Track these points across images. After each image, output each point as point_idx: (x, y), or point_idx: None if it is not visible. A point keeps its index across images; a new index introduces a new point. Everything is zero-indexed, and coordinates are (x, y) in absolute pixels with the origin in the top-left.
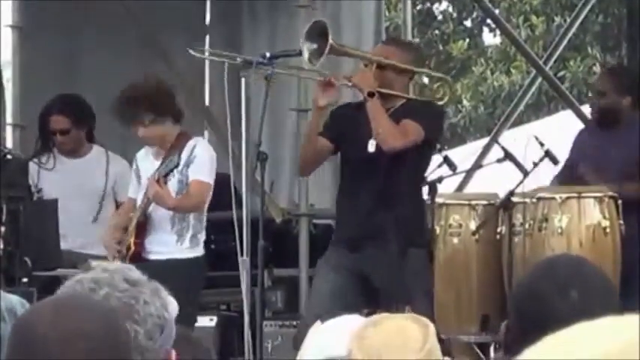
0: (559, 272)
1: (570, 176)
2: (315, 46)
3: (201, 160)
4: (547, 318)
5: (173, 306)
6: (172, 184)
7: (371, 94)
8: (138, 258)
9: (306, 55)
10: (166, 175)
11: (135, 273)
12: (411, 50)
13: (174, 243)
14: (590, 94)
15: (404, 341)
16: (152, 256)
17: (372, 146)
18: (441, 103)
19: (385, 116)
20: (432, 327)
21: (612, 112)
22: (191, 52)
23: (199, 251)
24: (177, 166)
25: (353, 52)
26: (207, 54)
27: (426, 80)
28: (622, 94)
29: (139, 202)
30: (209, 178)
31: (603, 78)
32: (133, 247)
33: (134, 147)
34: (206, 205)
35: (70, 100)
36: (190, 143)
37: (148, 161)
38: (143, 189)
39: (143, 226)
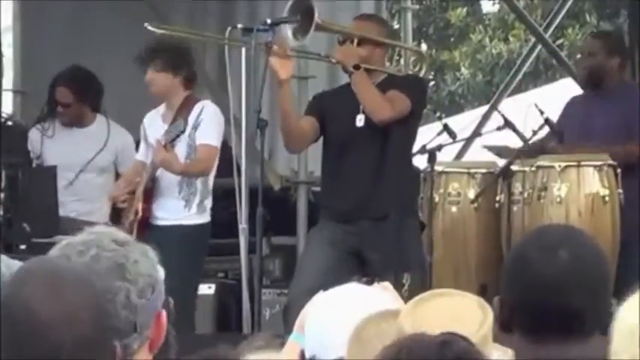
0: (547, 237)
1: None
2: (296, 22)
3: (208, 124)
4: (535, 281)
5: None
6: (181, 148)
7: (356, 67)
8: (146, 223)
9: (289, 32)
10: (172, 141)
11: (122, 234)
12: (385, 24)
13: (182, 209)
14: (579, 56)
15: (460, 322)
16: (159, 222)
17: (360, 121)
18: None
19: (373, 87)
20: (489, 310)
21: (600, 71)
22: (149, 27)
23: (206, 217)
24: (182, 131)
25: (336, 29)
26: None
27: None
28: (611, 54)
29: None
30: (217, 142)
31: (593, 39)
32: (140, 213)
33: (137, 114)
34: (214, 170)
35: (79, 75)
36: (197, 106)
37: (156, 124)
38: (151, 153)
39: (151, 191)
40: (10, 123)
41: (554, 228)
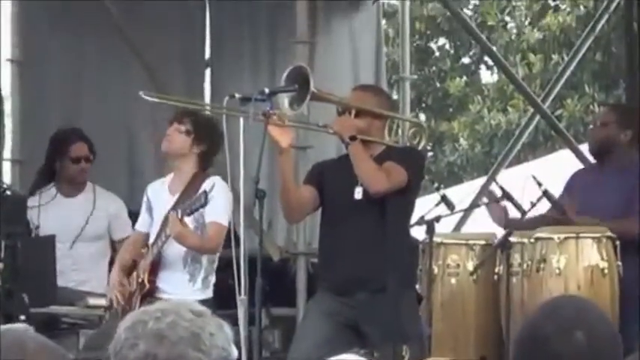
0: (563, 314)
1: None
2: (294, 92)
3: (219, 201)
4: None
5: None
6: (187, 222)
7: (353, 138)
8: (150, 295)
9: (286, 101)
10: (190, 214)
11: (199, 306)
12: (385, 95)
13: (187, 283)
14: (591, 127)
15: None
16: (163, 295)
17: (358, 193)
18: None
19: (369, 159)
20: None
21: (611, 142)
22: (143, 96)
23: (209, 293)
24: (204, 205)
25: (332, 99)
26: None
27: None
28: (623, 127)
29: (152, 238)
30: (227, 221)
31: (607, 111)
32: (147, 285)
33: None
34: (219, 249)
35: (83, 132)
36: (208, 182)
37: (162, 196)
38: (156, 224)
39: (157, 263)
40: (8, 192)
41: (567, 303)
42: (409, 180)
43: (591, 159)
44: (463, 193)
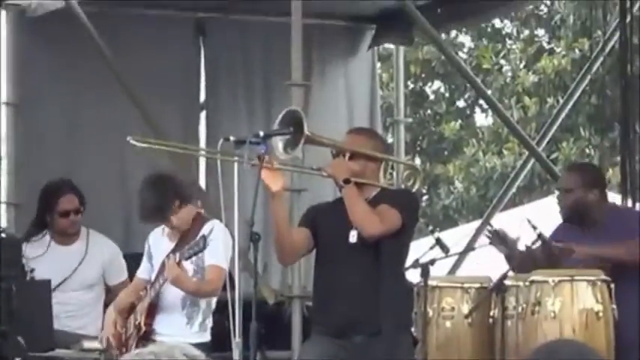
0: (559, 358)
1: (544, 258)
2: (289, 135)
3: (218, 245)
4: None
5: None
6: (187, 266)
7: (347, 181)
8: (147, 338)
9: (280, 145)
10: (188, 258)
11: (193, 349)
12: (379, 138)
13: (184, 326)
14: (556, 192)
15: None
16: (160, 338)
17: (353, 237)
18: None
19: (362, 202)
20: None
21: (581, 206)
22: (132, 142)
23: (206, 337)
24: (202, 250)
25: (327, 142)
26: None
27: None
28: (588, 188)
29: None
30: (226, 264)
31: (567, 176)
32: (144, 328)
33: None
34: (219, 292)
35: (73, 183)
36: (207, 226)
37: (162, 242)
38: (155, 270)
39: (155, 307)
40: (4, 235)
41: (563, 347)
42: (403, 223)
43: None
44: (458, 235)
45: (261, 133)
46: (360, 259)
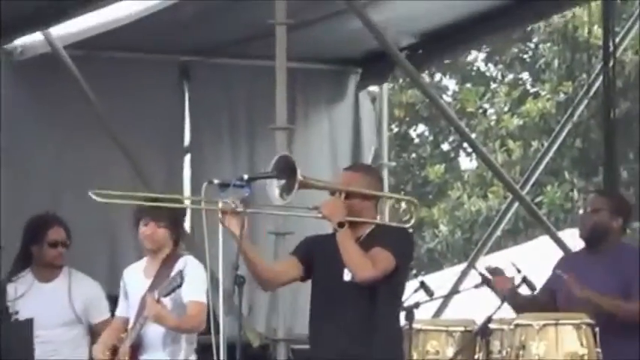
0: None
1: (546, 301)
2: (283, 180)
3: (194, 280)
4: None
5: None
6: (165, 301)
7: (341, 225)
8: None
9: (276, 191)
10: (167, 295)
11: None
12: (376, 175)
13: None
14: (581, 212)
15: None
16: None
17: (347, 275)
18: (407, 226)
19: (355, 247)
20: None
21: (602, 229)
22: (93, 196)
23: None
24: (179, 286)
25: (321, 185)
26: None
27: None
28: (614, 215)
29: (131, 322)
30: (204, 298)
31: (597, 197)
32: None
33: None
34: (203, 326)
35: (59, 216)
36: (181, 261)
37: (137, 279)
38: (133, 308)
39: (137, 347)
40: None
41: None
42: (397, 265)
43: (576, 244)
44: (443, 279)
45: (245, 176)
46: (354, 297)
